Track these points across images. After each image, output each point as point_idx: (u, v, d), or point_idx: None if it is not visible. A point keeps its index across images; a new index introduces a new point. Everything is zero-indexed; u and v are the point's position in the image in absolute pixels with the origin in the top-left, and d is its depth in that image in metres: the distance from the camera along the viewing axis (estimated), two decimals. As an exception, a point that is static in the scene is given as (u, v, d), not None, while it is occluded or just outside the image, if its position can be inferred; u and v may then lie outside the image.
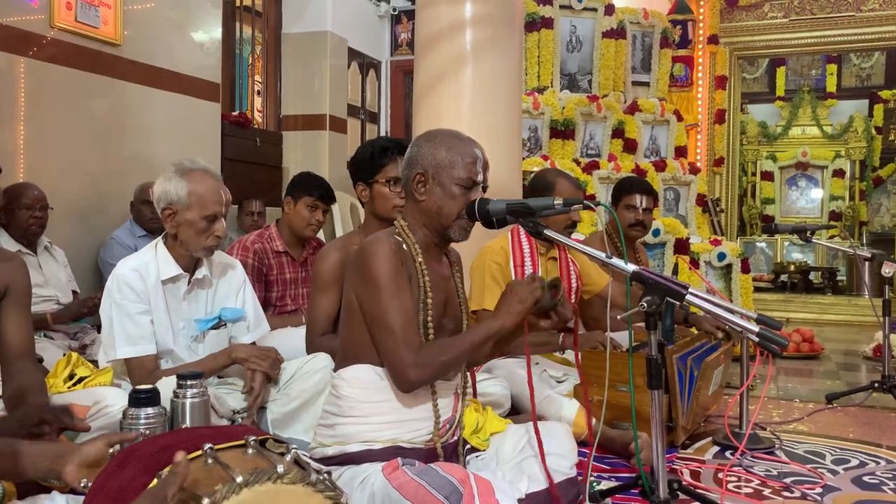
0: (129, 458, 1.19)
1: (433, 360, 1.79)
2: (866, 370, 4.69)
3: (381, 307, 1.79)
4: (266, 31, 6.70)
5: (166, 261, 2.32)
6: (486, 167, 1.93)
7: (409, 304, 1.82)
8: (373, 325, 1.82)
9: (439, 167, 1.88)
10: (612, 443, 2.63)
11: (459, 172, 1.87)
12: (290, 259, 3.39)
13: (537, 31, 5.77)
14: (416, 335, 1.81)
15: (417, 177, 1.90)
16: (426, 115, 3.77)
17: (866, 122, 10.87)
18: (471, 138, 1.96)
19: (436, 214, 1.89)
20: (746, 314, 1.83)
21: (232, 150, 5.61)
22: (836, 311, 7.46)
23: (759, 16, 7.79)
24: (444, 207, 1.88)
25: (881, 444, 2.93)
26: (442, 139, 1.92)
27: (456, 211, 1.88)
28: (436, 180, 1.88)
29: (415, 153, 1.92)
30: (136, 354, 2.26)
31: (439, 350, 1.82)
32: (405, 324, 1.79)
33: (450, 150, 1.89)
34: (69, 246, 3.91)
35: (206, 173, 2.30)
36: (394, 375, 1.80)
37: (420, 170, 1.90)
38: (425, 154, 1.90)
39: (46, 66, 3.97)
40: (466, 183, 1.87)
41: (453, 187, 1.87)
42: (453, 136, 1.93)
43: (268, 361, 2.38)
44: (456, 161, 1.88)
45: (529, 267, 3.02)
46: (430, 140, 1.92)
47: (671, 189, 5.84)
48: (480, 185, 1.91)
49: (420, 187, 1.90)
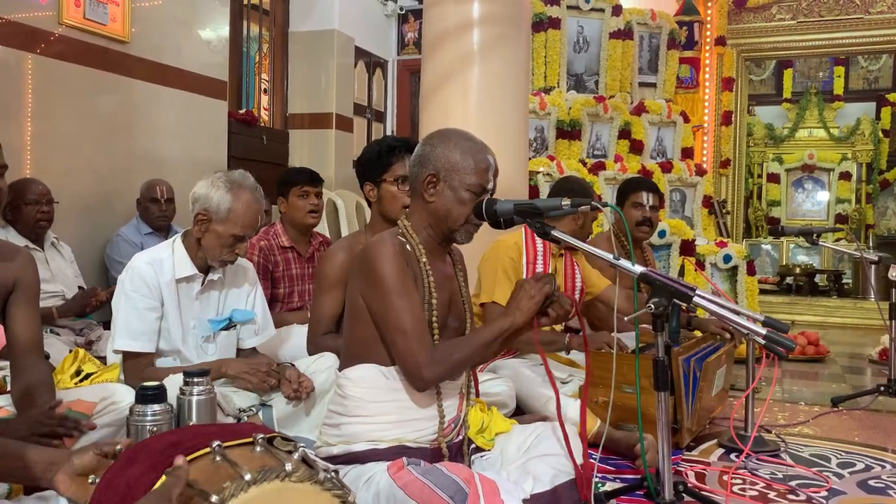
0: (137, 455, 1.20)
1: (447, 358, 1.79)
2: (872, 374, 4.67)
3: (391, 308, 1.79)
4: (273, 30, 6.70)
5: (182, 260, 2.34)
6: (496, 174, 1.92)
7: (417, 304, 1.82)
8: (383, 326, 1.81)
9: (452, 170, 1.86)
10: (617, 444, 2.63)
11: (472, 178, 1.86)
12: (297, 255, 3.40)
13: (544, 31, 5.77)
14: (428, 334, 1.82)
15: (428, 177, 1.88)
16: (433, 114, 3.77)
17: (873, 125, 10.84)
18: (484, 144, 1.94)
19: (444, 217, 1.88)
20: (753, 316, 1.82)
21: (238, 148, 5.62)
22: (842, 314, 7.44)
23: (767, 17, 7.78)
24: (452, 211, 1.87)
25: (887, 448, 2.92)
26: (457, 142, 1.89)
27: (464, 216, 1.87)
28: (447, 183, 1.86)
29: (427, 152, 1.90)
30: (132, 349, 2.27)
31: (453, 348, 1.82)
32: (416, 323, 1.79)
33: (464, 153, 1.87)
34: (76, 242, 3.92)
35: (252, 194, 2.34)
36: (408, 375, 1.80)
37: (432, 170, 1.88)
38: (438, 155, 1.88)
39: (54, 63, 3.98)
40: (477, 189, 1.86)
41: (464, 192, 1.86)
42: (468, 140, 1.91)
43: (258, 377, 2.34)
44: (469, 166, 1.86)
45: (541, 266, 3.03)
46: (444, 141, 1.90)
47: (677, 190, 5.83)
48: (490, 191, 1.91)
49: (430, 188, 1.88)
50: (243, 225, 2.29)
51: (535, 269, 3.00)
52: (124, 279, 2.30)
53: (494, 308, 2.90)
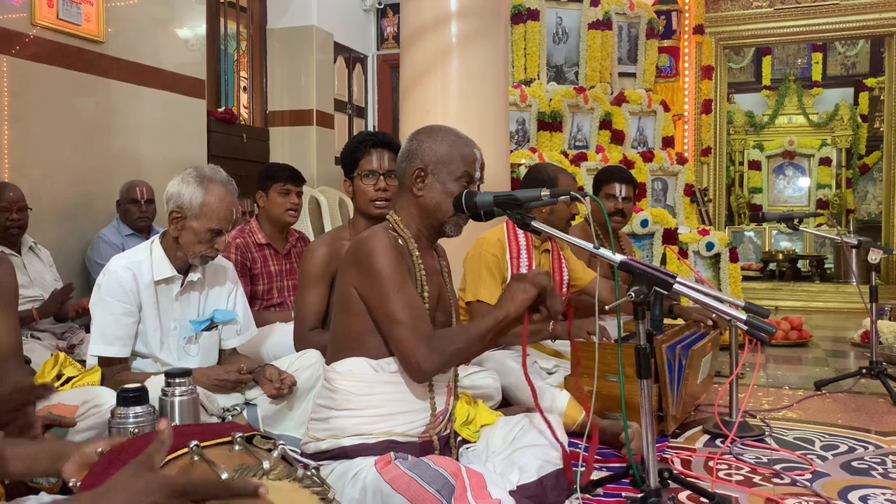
0: (116, 458, 1.19)
1: (446, 349, 1.80)
2: (854, 357, 4.72)
3: (389, 301, 1.80)
4: (251, 27, 6.66)
5: (161, 261, 2.31)
6: (483, 167, 1.96)
7: (414, 296, 1.83)
8: (381, 319, 1.82)
9: (440, 163, 1.90)
10: (602, 433, 2.63)
11: (459, 171, 1.89)
12: (274, 251, 3.39)
13: (523, 23, 5.76)
14: (427, 325, 1.83)
15: (417, 171, 1.91)
16: (413, 108, 3.76)
17: (852, 111, 10.93)
18: (470, 138, 1.98)
19: (433, 210, 1.90)
20: (735, 302, 1.83)
21: (218, 146, 5.58)
22: (824, 299, 7.51)
23: (745, 5, 7.81)
24: (441, 204, 1.90)
25: (870, 430, 2.95)
26: (444, 136, 1.93)
27: (453, 208, 1.89)
28: (435, 176, 1.90)
29: (415, 147, 1.93)
30: (106, 354, 2.26)
31: (449, 339, 1.83)
32: (414, 315, 1.80)
33: (451, 147, 1.91)
34: (55, 246, 3.88)
35: (224, 187, 2.30)
36: (407, 366, 1.81)
37: (420, 164, 1.91)
38: (426, 149, 1.91)
39: (29, 65, 3.93)
40: (465, 181, 1.90)
41: (452, 185, 1.89)
42: (454, 134, 1.95)
43: (225, 390, 2.35)
44: (457, 159, 1.90)
45: (525, 259, 3.02)
46: (432, 136, 1.93)
47: (659, 179, 5.84)
48: (477, 183, 1.94)
49: (419, 182, 1.91)
50: (219, 218, 2.27)
51: (518, 263, 3.00)
52: (101, 283, 2.28)
53: (480, 307, 2.91)
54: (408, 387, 1.87)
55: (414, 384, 1.87)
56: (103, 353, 2.26)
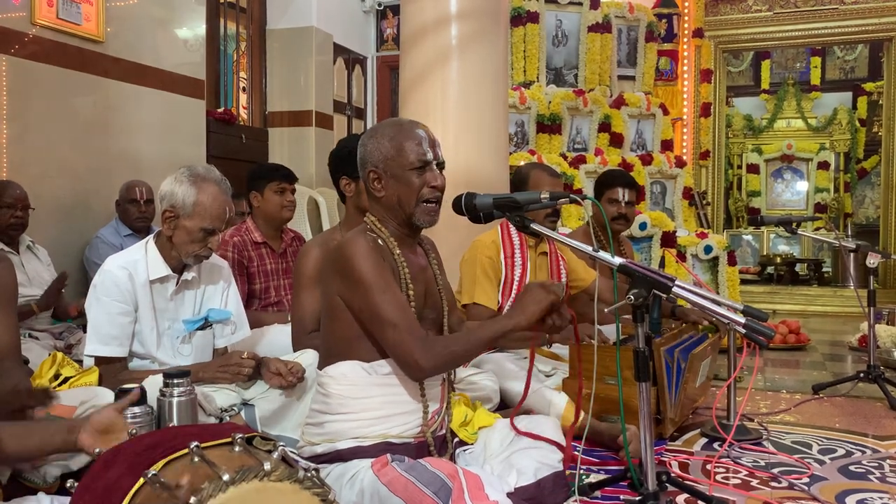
0: (114, 458, 1.19)
1: (445, 349, 1.81)
2: (852, 360, 4.72)
3: (376, 304, 1.79)
4: (251, 27, 6.66)
5: (156, 261, 2.31)
6: (433, 143, 1.93)
7: (400, 296, 1.83)
8: (370, 322, 1.82)
9: (388, 160, 1.89)
10: (600, 436, 2.64)
11: (408, 158, 1.88)
12: (270, 250, 3.39)
13: (523, 25, 5.77)
14: (417, 323, 1.83)
15: (370, 175, 1.91)
16: (412, 110, 3.76)
17: (850, 115, 10.95)
18: (412, 120, 1.97)
19: (397, 205, 1.90)
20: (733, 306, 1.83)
21: (217, 147, 5.58)
22: (822, 303, 7.51)
23: (744, 9, 7.82)
24: (402, 196, 1.89)
25: (867, 434, 2.95)
26: (384, 132, 1.93)
27: (415, 196, 1.89)
28: (388, 173, 1.90)
29: (363, 153, 1.94)
30: (102, 354, 2.26)
31: (452, 341, 1.84)
32: (404, 315, 1.80)
33: (392, 139, 1.90)
34: (54, 245, 3.88)
35: (217, 186, 2.29)
36: (404, 366, 1.81)
37: (371, 167, 1.91)
38: (371, 151, 1.91)
39: (29, 64, 3.93)
40: (418, 165, 1.88)
41: (406, 174, 1.88)
42: (394, 125, 1.95)
43: (229, 373, 2.34)
44: (401, 148, 1.89)
45: (519, 260, 3.02)
46: (374, 136, 1.93)
47: (657, 182, 5.85)
48: (433, 162, 1.92)
49: (376, 184, 1.91)
50: (212, 217, 2.26)
51: (513, 263, 3.01)
52: (96, 283, 2.27)
53: (477, 309, 2.91)
54: (401, 388, 1.87)
55: (408, 385, 1.87)
56: (99, 352, 2.25)
